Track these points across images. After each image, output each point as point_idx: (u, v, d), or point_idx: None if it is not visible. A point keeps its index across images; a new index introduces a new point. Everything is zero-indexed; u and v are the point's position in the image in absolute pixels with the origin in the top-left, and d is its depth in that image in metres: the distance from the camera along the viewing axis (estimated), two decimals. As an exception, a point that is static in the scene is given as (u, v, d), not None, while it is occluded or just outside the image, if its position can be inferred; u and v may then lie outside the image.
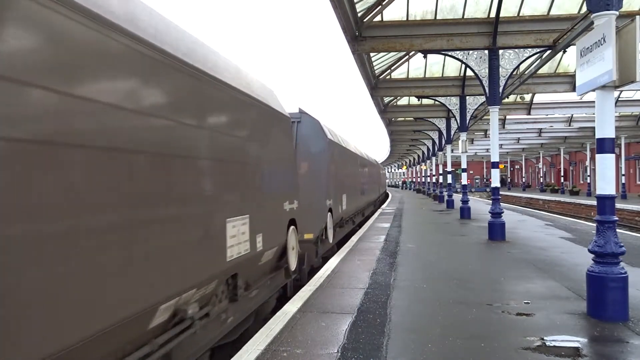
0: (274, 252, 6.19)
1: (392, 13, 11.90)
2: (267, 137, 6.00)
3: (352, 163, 15.17)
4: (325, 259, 9.83)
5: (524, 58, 11.72)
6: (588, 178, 38.56)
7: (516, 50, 11.64)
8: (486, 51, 11.78)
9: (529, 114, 23.87)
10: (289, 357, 4.03)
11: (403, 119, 28.51)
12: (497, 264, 8.50)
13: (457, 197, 23.58)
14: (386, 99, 22.40)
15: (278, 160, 6.47)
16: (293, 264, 7.18)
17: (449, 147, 24.07)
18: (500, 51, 11.63)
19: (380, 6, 11.31)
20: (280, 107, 6.83)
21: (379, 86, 18.02)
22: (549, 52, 11.60)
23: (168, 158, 3.49)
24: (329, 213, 10.36)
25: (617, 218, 5.09)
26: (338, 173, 11.67)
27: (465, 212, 17.80)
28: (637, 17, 4.60)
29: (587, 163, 38.73)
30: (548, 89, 17.92)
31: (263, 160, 5.72)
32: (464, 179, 18.53)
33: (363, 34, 11.63)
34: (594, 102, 5.29)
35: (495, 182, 11.87)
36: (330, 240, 10.48)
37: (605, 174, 5.07)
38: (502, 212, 11.57)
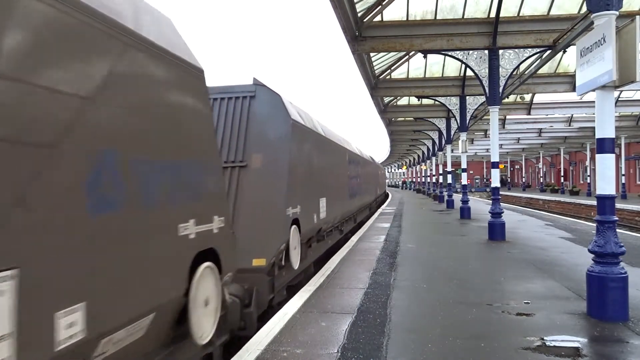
0: (148, 324, 3.16)
1: (392, 13, 11.91)
2: (124, 96, 2.96)
3: (336, 157, 12.09)
4: (293, 288, 7.50)
5: (524, 58, 11.73)
6: (588, 178, 38.55)
7: (516, 50, 11.64)
8: (486, 51, 11.78)
9: (529, 114, 23.87)
10: (289, 357, 4.03)
11: (403, 119, 28.50)
12: (497, 264, 8.49)
13: (457, 197, 23.58)
14: (386, 99, 22.40)
15: (167, 145, 3.48)
16: (208, 328, 3.94)
17: (449, 147, 24.08)
18: (500, 51, 11.63)
19: (380, 6, 11.31)
20: (179, 48, 3.79)
21: (379, 86, 18.01)
22: (549, 52, 11.61)
23: None
24: (294, 226, 7.18)
25: (617, 218, 5.09)
26: (312, 169, 8.72)
27: (465, 212, 17.81)
28: (637, 17, 4.60)
29: (587, 163, 38.73)
30: (548, 89, 17.93)
31: (103, 140, 2.74)
32: (464, 179, 18.53)
33: (363, 34, 11.63)
34: (594, 102, 5.29)
35: (495, 182, 11.87)
36: (295, 266, 7.23)
37: (605, 174, 5.08)
38: (502, 212, 11.57)
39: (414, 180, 60.38)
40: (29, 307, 2.12)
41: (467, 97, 17.83)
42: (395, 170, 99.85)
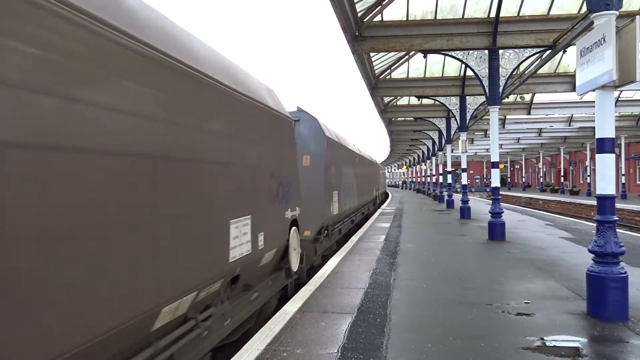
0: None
1: (392, 13, 11.90)
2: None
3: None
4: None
5: (524, 58, 11.72)
6: (588, 178, 38.56)
7: (516, 50, 11.64)
8: (486, 51, 11.77)
9: (529, 114, 23.87)
10: (289, 357, 4.03)
11: (403, 119, 28.50)
12: (497, 263, 8.49)
13: (457, 197, 23.58)
14: (386, 99, 22.40)
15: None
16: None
17: (449, 147, 24.08)
18: (500, 51, 11.63)
19: (380, 6, 11.31)
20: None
21: (379, 86, 18.01)
22: (549, 52, 11.60)
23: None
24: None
25: (617, 218, 5.09)
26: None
27: (465, 212, 17.81)
28: (637, 17, 4.61)
29: (587, 163, 38.73)
30: (548, 88, 17.92)
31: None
32: (464, 179, 18.52)
33: (363, 33, 11.63)
34: (594, 102, 5.29)
35: (495, 182, 11.87)
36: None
37: (605, 174, 5.08)
38: (502, 212, 11.57)
39: (414, 180, 60.38)
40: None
41: (467, 97, 17.82)
42: (395, 170, 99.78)
